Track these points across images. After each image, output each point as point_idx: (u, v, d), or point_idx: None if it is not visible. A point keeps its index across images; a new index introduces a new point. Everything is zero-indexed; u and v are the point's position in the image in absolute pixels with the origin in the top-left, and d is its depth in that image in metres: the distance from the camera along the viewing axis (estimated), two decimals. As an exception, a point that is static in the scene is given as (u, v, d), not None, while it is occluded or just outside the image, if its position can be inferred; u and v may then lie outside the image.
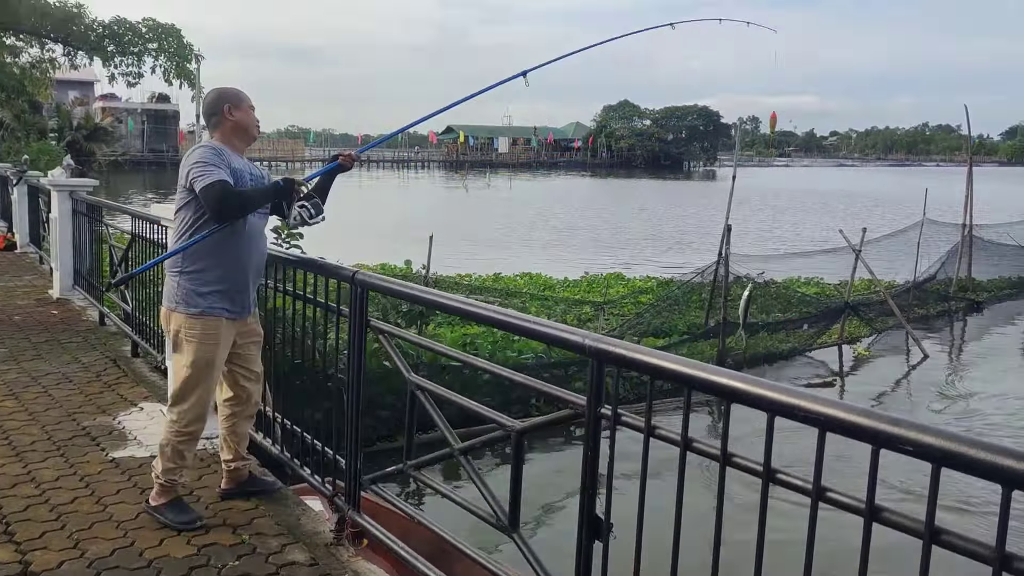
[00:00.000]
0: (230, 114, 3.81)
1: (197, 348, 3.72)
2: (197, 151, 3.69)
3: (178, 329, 3.75)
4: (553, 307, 12.55)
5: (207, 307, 3.71)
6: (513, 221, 33.11)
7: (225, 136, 3.81)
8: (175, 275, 3.75)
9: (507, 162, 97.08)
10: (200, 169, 3.58)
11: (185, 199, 3.72)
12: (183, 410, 3.79)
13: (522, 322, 2.69)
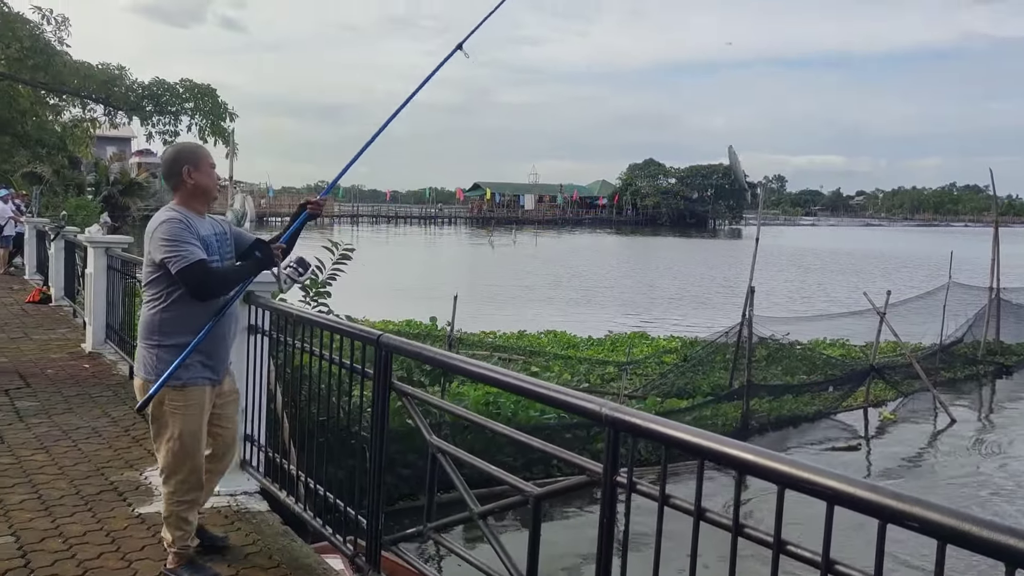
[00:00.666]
0: (189, 176, 3.76)
1: (183, 420, 3.71)
2: (164, 226, 3.63)
3: (160, 402, 3.69)
4: (576, 366, 12.57)
5: (189, 378, 3.70)
6: (538, 278, 33.26)
7: (185, 198, 3.77)
8: (153, 348, 3.70)
9: (533, 219, 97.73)
10: (173, 249, 3.56)
11: (155, 273, 3.70)
12: (180, 480, 3.79)
13: (540, 389, 2.75)
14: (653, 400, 10.68)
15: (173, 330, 3.69)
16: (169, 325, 3.69)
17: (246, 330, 5.07)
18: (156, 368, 3.69)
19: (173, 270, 3.58)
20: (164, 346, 3.69)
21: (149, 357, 3.72)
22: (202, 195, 3.82)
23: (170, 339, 3.69)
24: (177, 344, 3.67)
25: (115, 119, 21.68)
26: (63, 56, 19.61)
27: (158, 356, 3.70)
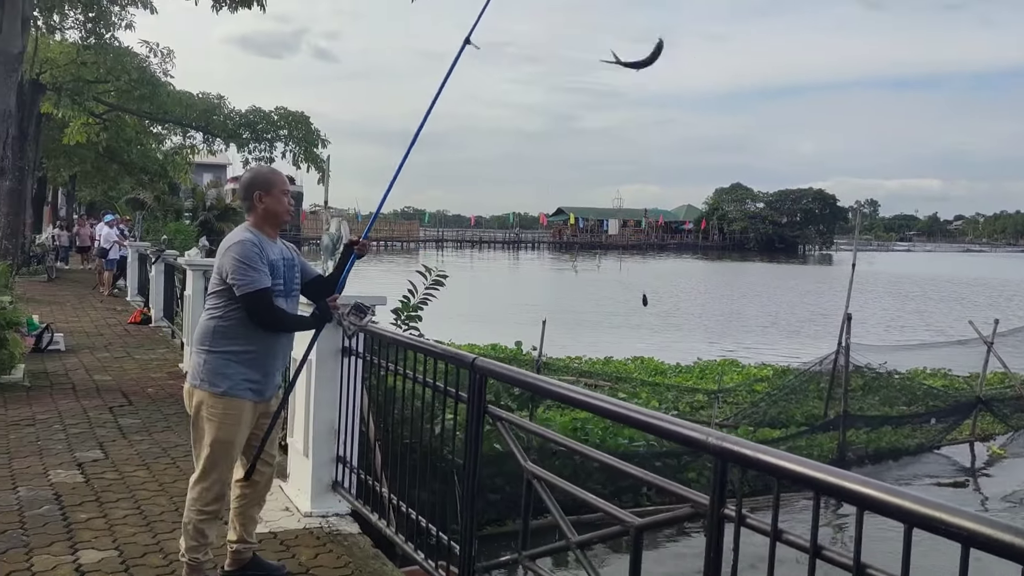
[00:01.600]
0: (260, 201, 3.85)
1: (219, 428, 3.73)
2: (237, 246, 3.73)
3: (199, 407, 3.76)
4: (664, 393, 12.36)
5: (230, 387, 3.73)
6: (623, 303, 32.96)
7: (257, 221, 3.87)
8: (203, 352, 3.78)
9: (617, 244, 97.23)
10: (242, 272, 3.66)
11: (219, 286, 3.79)
12: (204, 488, 3.79)
13: (644, 417, 2.67)
14: (745, 429, 10.39)
15: (224, 339, 3.75)
16: (221, 334, 3.75)
17: (339, 352, 5.14)
18: (201, 372, 3.76)
19: (238, 292, 3.68)
20: (215, 351, 3.75)
21: (197, 360, 3.81)
22: (272, 219, 3.89)
23: (222, 344, 3.75)
24: (225, 351, 3.74)
25: (213, 146, 22.54)
26: (167, 87, 20.50)
27: (205, 361, 3.76)
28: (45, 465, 5.95)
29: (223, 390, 3.73)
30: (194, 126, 21.54)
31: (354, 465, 5.08)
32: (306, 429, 5.23)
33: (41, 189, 32.56)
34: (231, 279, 3.69)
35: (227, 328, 3.76)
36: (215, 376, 3.73)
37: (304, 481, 5.27)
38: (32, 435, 6.78)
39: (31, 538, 4.56)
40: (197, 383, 3.78)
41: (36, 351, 10.63)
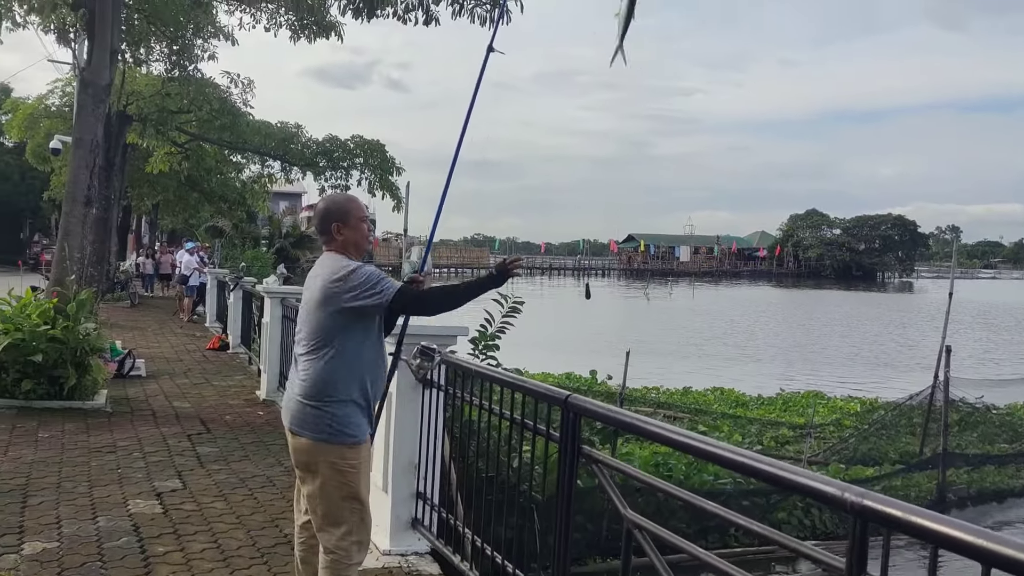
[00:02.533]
0: (339, 232, 3.63)
1: (361, 477, 3.52)
2: (359, 271, 3.48)
3: (338, 462, 3.46)
4: (746, 426, 11.91)
5: (362, 434, 3.52)
6: (698, 332, 32.33)
7: (343, 248, 3.65)
8: (329, 404, 3.46)
9: (688, 271, 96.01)
10: (378, 286, 3.43)
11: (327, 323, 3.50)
12: (355, 541, 3.52)
13: (768, 467, 2.40)
14: (836, 467, 9.89)
15: (349, 386, 3.48)
16: (344, 379, 3.48)
17: (420, 384, 4.97)
18: (331, 425, 3.46)
19: (387, 299, 3.44)
20: (339, 400, 3.47)
21: (320, 413, 3.47)
22: (353, 249, 3.67)
23: (345, 393, 3.47)
24: (351, 400, 3.49)
25: (290, 174, 22.93)
26: (246, 117, 20.96)
27: (333, 413, 3.46)
28: (125, 494, 5.90)
29: (358, 439, 3.50)
30: (272, 155, 21.96)
31: (434, 502, 4.89)
32: (385, 464, 5.06)
33: (126, 217, 33.61)
34: (371, 299, 3.44)
35: (349, 372, 3.49)
36: (348, 426, 3.47)
37: (383, 518, 5.08)
38: (113, 462, 6.78)
39: (109, 571, 4.48)
40: (327, 437, 3.45)
41: (118, 376, 10.77)
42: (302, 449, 3.54)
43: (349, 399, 3.49)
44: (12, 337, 8.46)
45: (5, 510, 5.43)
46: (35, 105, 25.81)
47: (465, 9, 11.13)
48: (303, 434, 3.52)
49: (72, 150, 10.53)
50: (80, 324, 8.81)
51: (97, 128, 10.19)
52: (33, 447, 7.15)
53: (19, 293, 9.33)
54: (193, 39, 17.92)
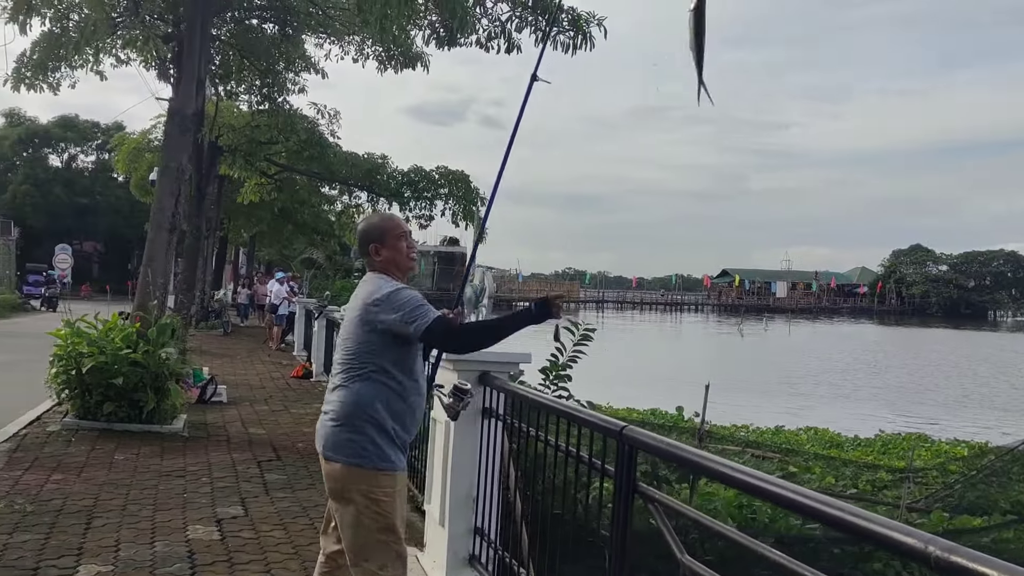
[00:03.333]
0: (377, 253, 3.54)
1: (395, 506, 3.34)
2: (396, 293, 3.34)
3: (370, 491, 3.28)
4: (841, 469, 11.21)
5: (397, 463, 3.36)
6: (794, 369, 31.22)
7: (384, 268, 3.54)
8: (363, 429, 3.31)
9: (785, 307, 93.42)
10: (415, 312, 3.28)
11: (364, 345, 3.37)
12: (391, 574, 3.33)
13: (834, 511, 2.07)
14: (939, 516, 9.16)
15: (385, 410, 3.33)
16: (382, 404, 3.33)
17: (480, 413, 4.75)
18: (365, 451, 3.30)
19: (420, 329, 3.27)
20: (375, 425, 3.31)
21: (354, 438, 3.31)
22: (394, 268, 3.55)
23: (382, 419, 3.32)
24: (384, 426, 3.33)
25: (377, 205, 23.24)
26: (334, 148, 21.37)
27: (369, 438, 3.31)
28: (186, 519, 5.84)
29: (394, 467, 3.34)
30: (359, 186, 22.31)
31: (492, 539, 4.63)
32: (442, 496, 4.84)
33: (222, 248, 34.74)
34: (405, 327, 3.29)
35: (389, 397, 3.35)
36: (383, 453, 3.31)
37: (439, 553, 4.86)
38: (180, 487, 6.75)
39: (157, 599, 4.37)
40: (362, 463, 3.29)
41: (200, 402, 10.90)
42: (334, 475, 3.38)
43: (384, 425, 3.33)
44: (96, 360, 8.62)
45: (69, 531, 5.42)
46: (139, 140, 26.98)
47: (548, 36, 11.00)
48: (336, 459, 3.36)
49: (158, 178, 10.81)
50: (160, 349, 8.91)
51: (182, 156, 10.42)
52: (107, 469, 7.21)
53: (106, 317, 9.53)
54: (284, 72, 18.42)
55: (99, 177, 55.03)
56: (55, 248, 42.82)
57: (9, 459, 7.39)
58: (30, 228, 50.11)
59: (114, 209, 52.42)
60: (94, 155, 56.98)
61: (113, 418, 8.76)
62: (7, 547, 5.04)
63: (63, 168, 56.43)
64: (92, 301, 24.52)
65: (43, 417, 9.36)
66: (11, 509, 5.84)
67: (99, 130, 54.41)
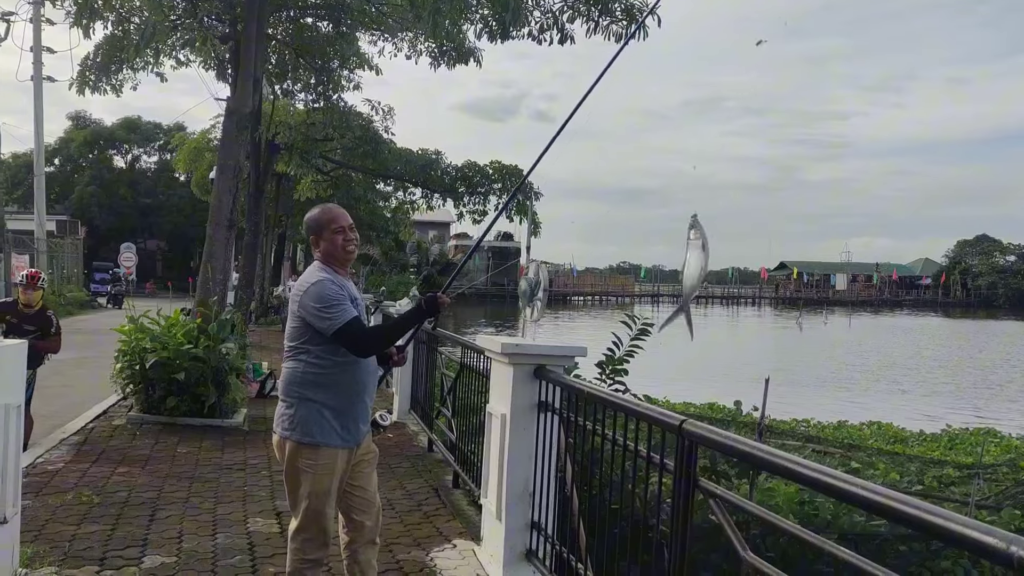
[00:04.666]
0: (316, 244, 3.83)
1: (314, 479, 3.64)
2: (314, 288, 3.65)
3: (294, 459, 3.66)
4: (906, 465, 10.91)
5: (324, 438, 3.63)
6: (855, 363, 30.56)
7: (325, 260, 3.81)
8: (292, 401, 3.67)
9: (845, 300, 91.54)
10: (326, 310, 3.58)
11: (300, 332, 3.71)
12: (305, 539, 3.72)
13: (909, 509, 1.99)
14: (1011, 513, 8.84)
15: (311, 387, 3.64)
16: (308, 383, 3.65)
17: (535, 407, 4.71)
18: (291, 423, 3.66)
19: (330, 332, 3.59)
20: (304, 400, 3.64)
21: (286, 412, 3.70)
22: (331, 259, 3.81)
23: (307, 395, 3.64)
24: (313, 400, 3.63)
25: (431, 201, 23.30)
26: (388, 144, 21.48)
27: (295, 411, 3.65)
28: (247, 512, 5.92)
29: (316, 441, 3.64)
30: (413, 181, 22.40)
31: (549, 534, 4.59)
32: (499, 490, 4.82)
33: (281, 245, 35.25)
34: (318, 322, 3.61)
35: (314, 376, 3.65)
36: (307, 426, 3.64)
37: (496, 547, 4.84)
38: (240, 480, 6.86)
39: (218, 590, 4.42)
40: (288, 434, 3.68)
41: (260, 396, 11.06)
42: (276, 446, 3.80)
43: (312, 400, 3.63)
44: (159, 355, 8.80)
45: (134, 523, 5.53)
46: (199, 140, 27.50)
47: (600, 27, 10.92)
48: (276, 431, 3.75)
49: (216, 175, 10.99)
50: (220, 344, 9.06)
51: (240, 154, 10.57)
52: (170, 462, 7.35)
53: (168, 314, 9.71)
54: (339, 70, 18.57)
55: (161, 177, 56.36)
56: (120, 247, 43.88)
57: (77, 452, 7.59)
58: (96, 228, 51.57)
59: (176, 208, 53.66)
60: (156, 156, 58.38)
61: (176, 412, 8.93)
62: (76, 537, 5.16)
63: (127, 169, 57.92)
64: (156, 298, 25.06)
65: (109, 411, 9.60)
66: (79, 500, 5.99)
67: (161, 131, 55.72)
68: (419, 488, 6.81)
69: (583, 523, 4.47)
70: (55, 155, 53.95)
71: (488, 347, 5.20)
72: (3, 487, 4.11)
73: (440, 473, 7.33)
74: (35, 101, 28.91)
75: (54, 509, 5.74)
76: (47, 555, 4.79)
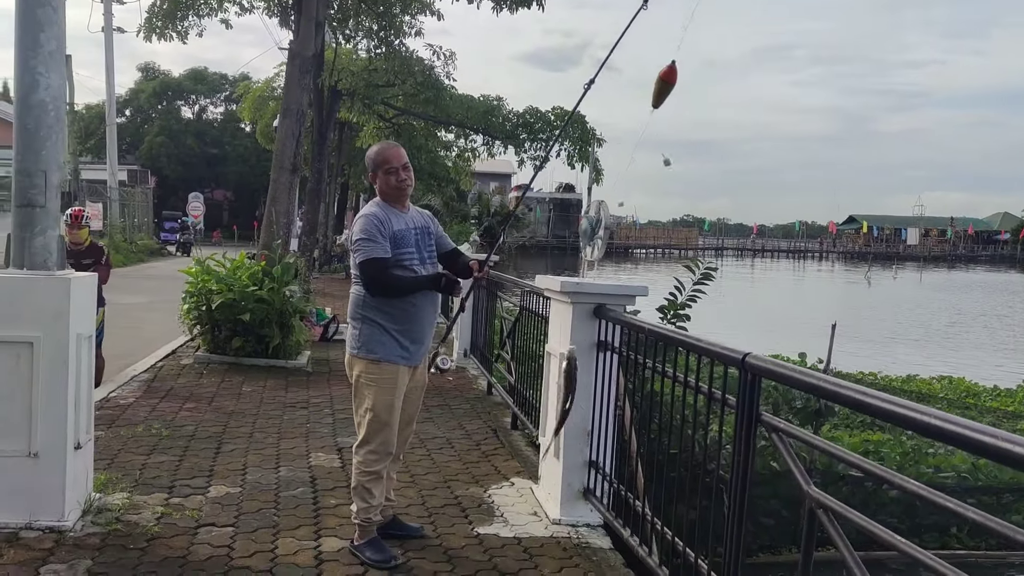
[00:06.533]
0: (374, 180, 4.08)
1: (377, 392, 3.92)
2: (359, 221, 3.98)
3: (359, 374, 3.97)
4: (979, 418, 10.62)
5: (384, 354, 3.92)
6: (926, 318, 29.77)
7: (381, 197, 4.06)
8: (356, 322, 4.01)
9: (917, 255, 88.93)
10: (360, 243, 3.90)
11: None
12: (369, 451, 3.97)
13: (986, 437, 1.89)
14: (1086, 468, 8.58)
15: (371, 309, 3.95)
16: (368, 304, 3.96)
17: (594, 346, 4.66)
18: (357, 341, 3.98)
19: (355, 262, 3.98)
20: (368, 321, 3.96)
21: (353, 331, 4.03)
22: (386, 196, 4.03)
23: (373, 314, 3.95)
24: (374, 321, 3.94)
25: (492, 149, 23.13)
26: (449, 90, 21.35)
27: (360, 330, 3.98)
28: (309, 447, 6.03)
29: (378, 357, 3.92)
30: (475, 129, 22.26)
31: (607, 472, 4.57)
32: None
33: (344, 194, 35.54)
34: (352, 252, 3.98)
35: (372, 299, 3.95)
36: (370, 343, 3.94)
37: (554, 486, 4.84)
38: (303, 417, 6.98)
39: (281, 519, 4.52)
40: (355, 352, 4.00)
41: (323, 340, 11.23)
42: (346, 362, 4.12)
43: (375, 321, 3.94)
44: (224, 297, 8.96)
45: (200, 455, 5.68)
46: (263, 88, 27.69)
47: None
48: (348, 348, 4.08)
49: (280, 119, 11.05)
50: (284, 287, 9.18)
51: (303, 98, 10.60)
52: (235, 399, 7.52)
53: (233, 257, 9.87)
54: (400, 15, 18.44)
55: (227, 127, 57.12)
56: (188, 196, 44.80)
57: (147, 388, 7.81)
58: (165, 177, 52.66)
59: (242, 158, 54.45)
60: (223, 106, 59.11)
61: (241, 352, 9.11)
62: (146, 466, 5.32)
63: (194, 119, 58.82)
64: (222, 246, 25.58)
65: (178, 351, 9.85)
66: (149, 432, 6.17)
67: (227, 82, 56.33)
68: (478, 429, 6.85)
69: (641, 463, 4.44)
70: (126, 106, 55.04)
71: (548, 286, 5.15)
72: (76, 414, 4.23)
73: (499, 415, 7.37)
74: (106, 52, 29.46)
75: (125, 440, 5.92)
76: (119, 482, 4.95)
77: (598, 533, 4.56)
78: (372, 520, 4.04)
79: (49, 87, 4.26)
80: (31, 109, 4.24)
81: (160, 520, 4.38)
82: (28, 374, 4.07)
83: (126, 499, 4.66)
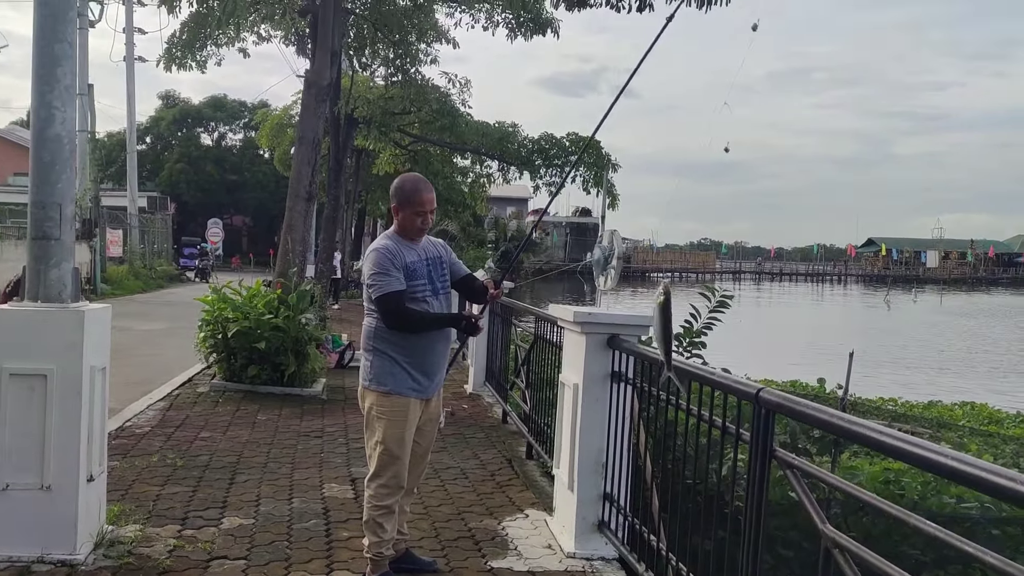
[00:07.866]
0: (396, 213, 4.06)
1: (388, 425, 3.92)
2: (372, 255, 3.97)
3: (371, 406, 3.98)
4: (1000, 446, 10.44)
5: (395, 387, 3.92)
6: (947, 342, 29.47)
7: (397, 229, 4.07)
8: (369, 354, 4.01)
9: (936, 277, 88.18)
10: (374, 277, 3.90)
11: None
12: (380, 484, 3.95)
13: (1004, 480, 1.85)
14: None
15: (384, 341, 3.96)
16: (380, 337, 3.96)
17: (608, 377, 4.63)
18: (369, 373, 3.99)
19: (372, 297, 3.95)
20: (379, 353, 3.97)
21: (365, 363, 4.05)
22: (404, 232, 4.04)
23: (384, 346, 3.95)
24: (387, 353, 3.94)
25: (508, 174, 23.22)
26: (465, 117, 21.48)
27: (371, 362, 3.99)
28: (322, 478, 6.01)
29: (388, 389, 3.92)
30: (489, 155, 22.37)
31: (622, 506, 4.52)
32: (571, 461, 4.76)
33: (360, 220, 35.70)
34: (368, 284, 3.97)
35: (385, 331, 3.95)
36: (381, 376, 3.94)
37: (568, 518, 4.79)
38: (317, 447, 6.96)
39: (293, 552, 4.50)
40: (366, 384, 4.01)
41: (339, 367, 11.23)
42: (359, 393, 4.14)
43: (386, 353, 3.94)
44: (240, 325, 8.99)
45: (215, 485, 5.67)
46: (281, 115, 27.96)
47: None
48: (361, 381, 4.09)
49: (295, 148, 11.13)
50: (300, 315, 9.20)
51: (318, 126, 10.68)
52: (250, 428, 7.52)
53: (250, 284, 9.91)
54: (416, 43, 18.59)
55: (246, 154, 57.68)
56: (207, 222, 45.17)
57: (163, 417, 7.83)
58: (185, 204, 53.16)
59: (261, 185, 54.90)
60: (241, 133, 59.73)
61: (256, 380, 9.13)
62: (160, 497, 5.31)
63: (214, 146, 59.45)
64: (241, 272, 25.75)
65: (194, 379, 9.88)
66: (164, 462, 6.17)
67: (246, 109, 56.96)
68: (493, 458, 6.80)
69: (657, 496, 4.39)
70: (146, 133, 55.73)
71: (561, 316, 5.13)
72: (89, 446, 4.23)
73: (514, 444, 7.32)
74: (127, 81, 29.89)
75: (140, 470, 5.92)
76: (132, 513, 4.94)
77: (613, 567, 4.51)
78: (384, 554, 4.01)
79: (65, 121, 4.30)
80: (47, 143, 4.28)
81: (172, 553, 4.37)
82: (42, 406, 4.08)
83: (139, 531, 4.65)
